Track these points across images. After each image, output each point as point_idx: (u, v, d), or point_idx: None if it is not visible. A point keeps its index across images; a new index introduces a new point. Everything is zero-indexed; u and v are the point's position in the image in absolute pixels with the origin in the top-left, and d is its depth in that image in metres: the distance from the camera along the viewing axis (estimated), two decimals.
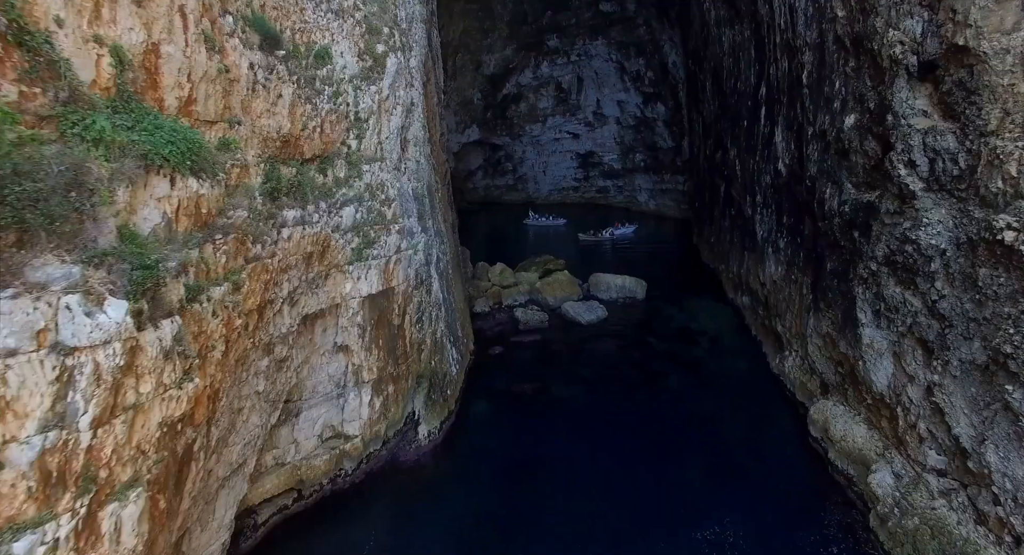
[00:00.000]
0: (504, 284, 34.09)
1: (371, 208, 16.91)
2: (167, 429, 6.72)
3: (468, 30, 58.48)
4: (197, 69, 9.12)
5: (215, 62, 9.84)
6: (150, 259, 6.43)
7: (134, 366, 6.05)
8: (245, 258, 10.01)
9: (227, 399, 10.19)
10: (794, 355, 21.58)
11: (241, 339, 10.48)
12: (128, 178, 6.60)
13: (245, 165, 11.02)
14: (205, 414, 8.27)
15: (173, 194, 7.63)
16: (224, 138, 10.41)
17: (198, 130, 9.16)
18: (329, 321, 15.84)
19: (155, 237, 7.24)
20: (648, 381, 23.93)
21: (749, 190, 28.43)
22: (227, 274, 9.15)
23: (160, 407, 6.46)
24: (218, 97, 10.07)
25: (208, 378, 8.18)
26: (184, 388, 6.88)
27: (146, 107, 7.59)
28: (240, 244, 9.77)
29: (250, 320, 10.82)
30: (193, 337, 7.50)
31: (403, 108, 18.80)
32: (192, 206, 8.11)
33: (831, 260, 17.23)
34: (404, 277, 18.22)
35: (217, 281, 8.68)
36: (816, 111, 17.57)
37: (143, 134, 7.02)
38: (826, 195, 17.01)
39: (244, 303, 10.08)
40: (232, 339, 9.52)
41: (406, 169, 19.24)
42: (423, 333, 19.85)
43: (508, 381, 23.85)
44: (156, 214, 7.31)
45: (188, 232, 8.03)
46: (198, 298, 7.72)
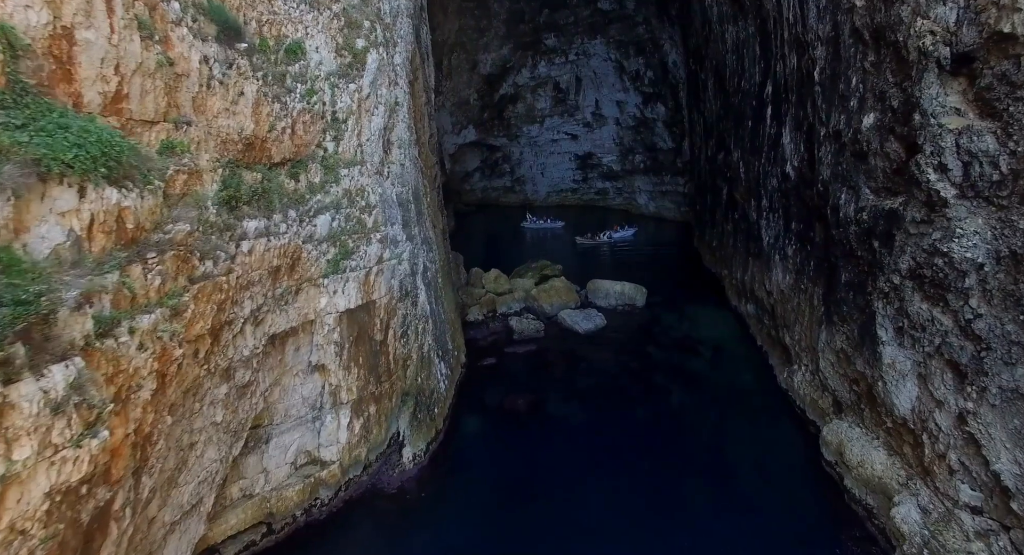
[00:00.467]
0: (499, 291, 32.83)
1: (349, 216, 15.66)
2: (62, 497, 5.48)
3: (464, 29, 57.22)
4: (128, 60, 7.86)
5: (154, 53, 8.57)
6: (28, 292, 5.17)
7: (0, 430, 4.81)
8: (190, 278, 8.74)
9: (169, 439, 8.92)
10: (804, 370, 20.33)
11: (188, 369, 9.21)
12: (11, 189, 5.34)
13: (196, 171, 9.75)
14: (128, 466, 7.01)
15: (83, 207, 6.38)
16: (168, 140, 9.15)
17: (127, 131, 7.88)
18: (302, 339, 14.57)
19: (56, 260, 5.98)
20: (649, 395, 22.66)
21: (754, 193, 27.19)
22: (163, 298, 7.88)
23: (48, 473, 5.22)
24: (159, 93, 8.81)
25: (132, 424, 6.92)
26: (86, 445, 5.63)
27: (49, 103, 6.33)
28: (182, 262, 8.50)
29: (200, 346, 9.56)
30: (106, 380, 6.25)
31: (386, 108, 17.55)
32: (112, 221, 6.85)
33: (846, 271, 15.99)
34: (387, 289, 16.97)
35: (147, 308, 7.41)
36: (830, 110, 16.33)
37: (38, 135, 5.76)
38: (841, 201, 15.77)
39: (189, 329, 8.82)
40: (172, 372, 8.24)
41: (389, 173, 17.98)
42: (408, 348, 18.59)
43: (501, 396, 22.58)
44: (58, 232, 6.07)
45: (106, 252, 6.77)
46: (114, 331, 6.46)
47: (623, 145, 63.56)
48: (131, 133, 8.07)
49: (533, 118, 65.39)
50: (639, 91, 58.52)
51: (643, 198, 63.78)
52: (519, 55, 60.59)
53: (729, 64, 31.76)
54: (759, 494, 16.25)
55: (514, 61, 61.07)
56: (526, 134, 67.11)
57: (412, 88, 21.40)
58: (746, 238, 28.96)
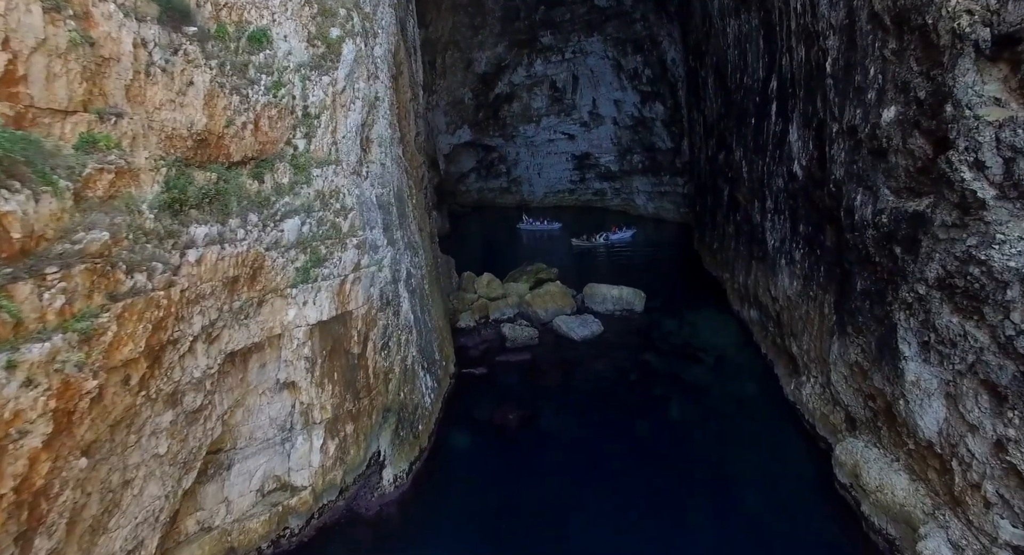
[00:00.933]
0: (491, 296, 31.55)
1: (322, 219, 14.38)
2: None
3: (457, 26, 55.96)
4: (24, 36, 6.58)
5: (65, 30, 7.29)
6: None
7: None
8: (111, 295, 7.46)
9: (89, 483, 7.63)
10: (813, 382, 19.07)
11: (115, 399, 7.93)
12: None
13: (128, 170, 8.47)
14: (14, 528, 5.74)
15: None
16: (89, 134, 7.86)
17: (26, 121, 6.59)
18: (268, 355, 13.28)
19: None
20: (648, 408, 21.39)
21: (757, 194, 25.95)
22: (67, 321, 6.60)
23: None
24: (74, 78, 7.52)
25: (14, 481, 5.65)
26: None
27: None
28: (100, 277, 7.22)
29: (132, 372, 8.27)
30: None
31: (364, 103, 16.27)
32: None
33: (862, 278, 14.74)
34: (364, 298, 15.68)
35: (41, 335, 6.14)
36: (843, 104, 15.09)
37: None
38: (856, 202, 14.52)
39: (112, 354, 7.53)
40: (82, 408, 6.96)
41: (368, 173, 16.71)
42: (390, 361, 17.31)
43: (491, 409, 21.29)
44: None
45: None
46: None
47: (621, 145, 62.33)
48: (32, 124, 6.80)
49: (529, 118, 64.13)
50: (637, 90, 57.31)
51: (641, 199, 62.56)
52: (514, 53, 59.34)
53: (731, 60, 30.54)
54: (767, 517, 15.01)
55: (509, 59, 59.83)
56: (522, 134, 65.84)
57: (396, 83, 20.14)
58: (749, 241, 27.72)
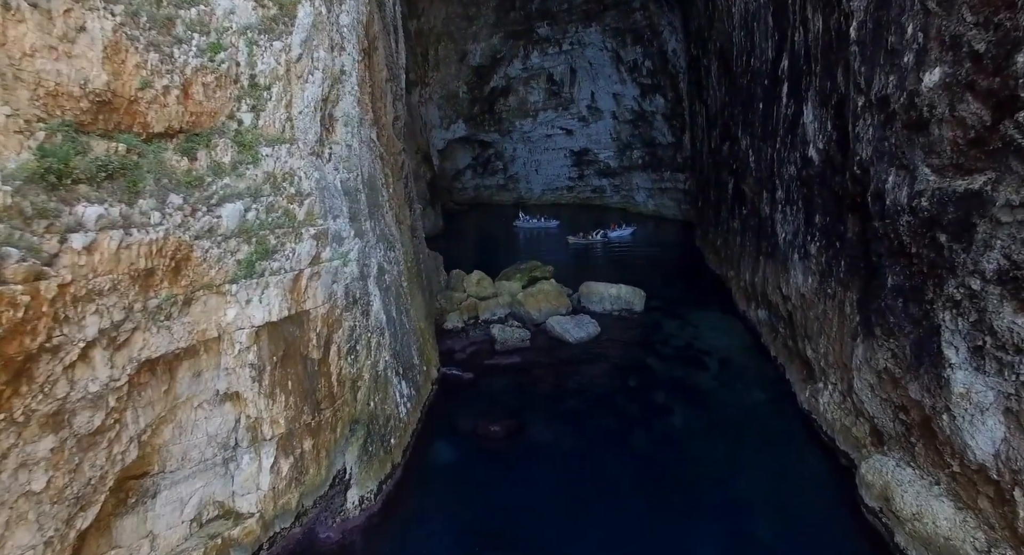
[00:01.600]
0: (481, 295, 29.63)
1: (272, 205, 12.48)
2: None
3: (451, 16, 54.04)
4: None
5: None
6: None
7: None
8: None
9: None
10: (832, 389, 17.15)
11: None
12: None
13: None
14: None
15: None
16: None
17: None
18: (204, 362, 11.36)
19: None
20: (648, 418, 19.47)
21: (766, 185, 24.04)
22: None
23: None
24: None
25: None
26: None
27: None
28: None
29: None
30: None
31: (326, 76, 14.36)
32: None
33: (894, 272, 12.81)
34: (325, 296, 13.77)
35: None
36: (872, 73, 13.17)
37: None
38: (887, 185, 12.60)
39: None
40: None
41: (331, 155, 14.80)
42: (358, 367, 15.39)
43: (476, 419, 19.36)
44: None
45: None
46: None
47: (620, 140, 60.44)
48: None
49: (526, 112, 62.22)
50: (637, 82, 55.39)
51: (641, 196, 60.67)
52: (510, 45, 57.43)
53: (736, 42, 28.63)
54: (783, 546, 13.12)
55: (505, 51, 57.91)
56: (519, 129, 63.93)
57: (369, 60, 18.23)
58: (756, 235, 25.81)
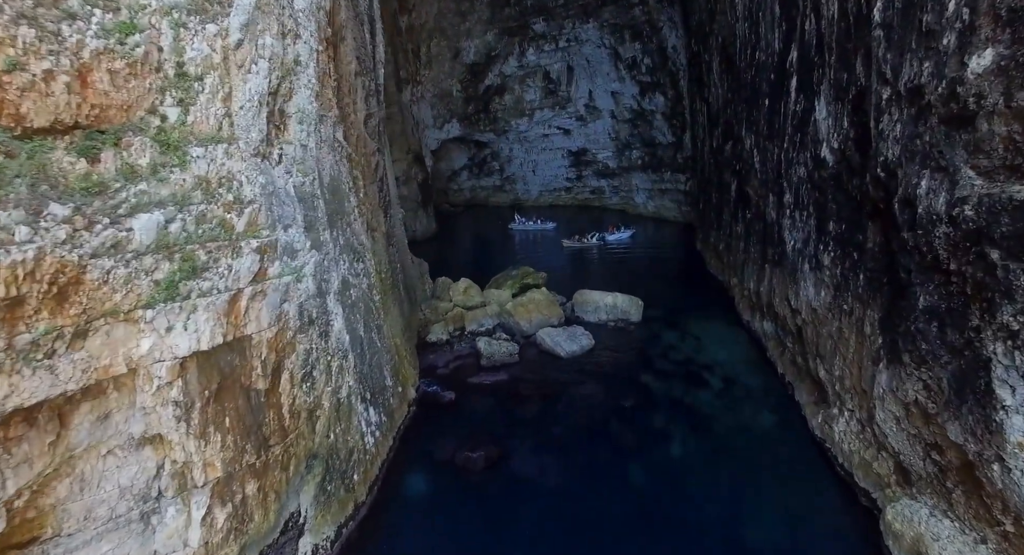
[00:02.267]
0: (468, 305, 27.88)
1: (204, 215, 10.73)
2: None
3: (443, 12, 52.30)
4: None
5: None
6: None
7: None
8: None
9: None
10: (848, 417, 15.38)
11: None
12: None
13: None
14: None
15: None
16: None
17: None
18: (113, 402, 9.61)
19: None
20: (643, 445, 17.71)
21: (772, 187, 22.27)
22: None
23: None
24: None
25: None
26: None
27: None
28: None
29: None
30: None
31: (274, 66, 12.62)
32: None
33: (926, 292, 11.04)
34: (272, 318, 12.03)
35: None
36: (900, 61, 11.41)
37: None
38: (920, 190, 10.83)
39: None
40: None
41: (282, 157, 13.05)
42: (315, 395, 13.66)
43: (455, 446, 17.61)
44: None
45: None
46: None
47: (619, 140, 58.66)
48: None
49: (522, 111, 60.46)
50: (636, 80, 53.61)
51: (641, 197, 58.88)
52: (505, 42, 55.67)
53: (740, 35, 26.85)
54: None
55: (500, 49, 56.15)
56: (515, 128, 62.15)
57: (334, 50, 16.48)
58: (762, 241, 24.03)
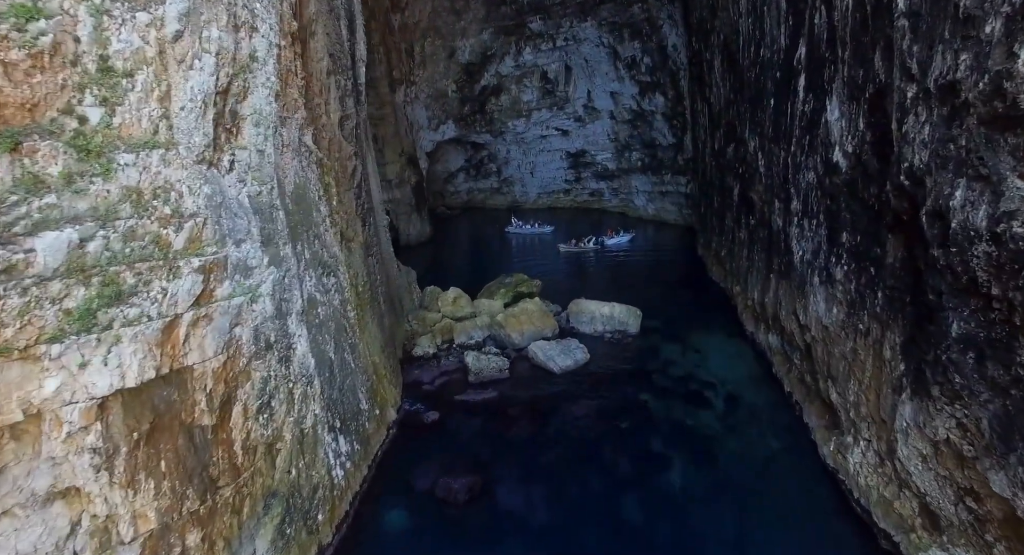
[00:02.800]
0: (458, 316, 26.48)
1: (133, 231, 9.36)
2: None
3: (437, 11, 50.93)
4: None
5: None
6: None
7: None
8: None
9: None
10: (865, 447, 13.97)
11: None
12: None
13: None
14: None
15: None
16: None
17: None
18: (10, 454, 8.20)
19: None
20: (641, 474, 16.31)
21: (778, 193, 20.86)
22: None
23: None
24: None
25: None
26: None
27: None
28: None
29: None
30: None
31: (223, 62, 11.25)
32: None
33: (961, 318, 9.64)
34: (219, 345, 10.66)
35: None
36: (929, 53, 10.01)
37: None
38: (954, 201, 9.42)
39: None
40: None
41: (234, 164, 11.67)
42: (275, 427, 12.28)
43: (436, 474, 16.24)
44: None
45: None
46: None
47: (619, 141, 57.22)
48: None
49: (519, 112, 59.00)
50: (635, 80, 52.18)
51: (641, 199, 57.45)
52: (501, 41, 54.26)
53: (743, 31, 25.45)
54: None
55: (496, 48, 54.76)
56: (512, 130, 60.70)
57: (302, 47, 15.11)
58: (767, 250, 22.62)
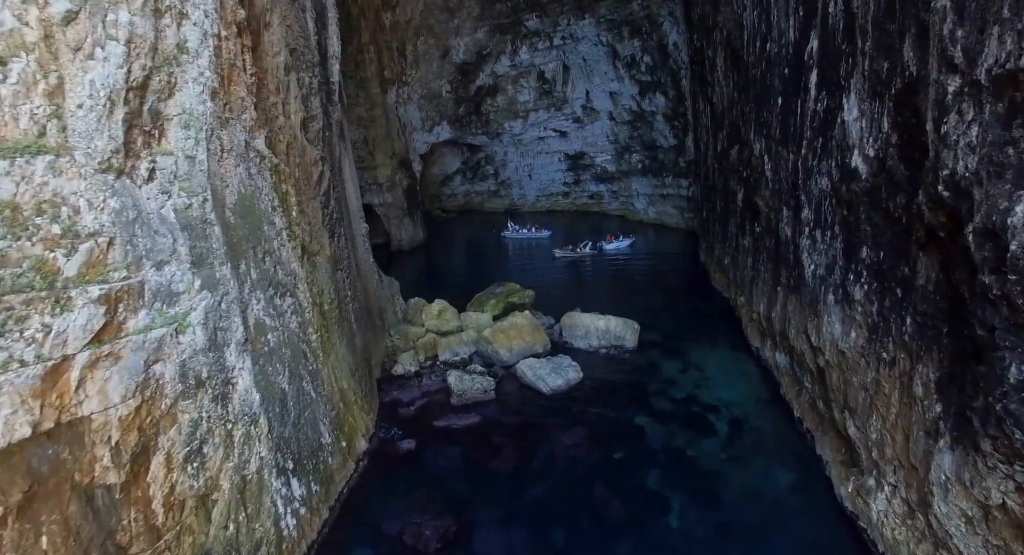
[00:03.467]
0: (443, 330, 24.78)
1: (5, 256, 7.70)
2: None
3: (430, 9, 49.28)
4: None
5: None
6: None
7: None
8: None
9: None
10: (890, 493, 12.20)
11: None
12: None
13: None
14: None
15: None
16: None
17: None
18: None
19: None
20: (636, 515, 14.57)
21: (786, 200, 19.11)
22: None
23: None
24: None
25: None
26: None
27: None
28: None
29: None
30: None
31: (136, 52, 9.58)
32: None
33: (1021, 360, 7.88)
34: (128, 388, 8.98)
35: None
36: (978, 38, 8.27)
37: None
38: (1013, 218, 7.68)
39: None
40: None
41: (154, 172, 9.99)
42: (207, 476, 10.59)
43: (407, 514, 14.54)
44: None
45: None
46: None
47: (618, 143, 55.52)
48: None
49: (515, 113, 57.35)
50: (635, 80, 50.46)
51: (641, 202, 55.71)
52: (496, 40, 52.59)
53: (747, 25, 23.71)
54: None
55: (491, 47, 53.09)
56: (508, 131, 59.07)
57: (254, 39, 13.42)
58: (774, 261, 20.85)
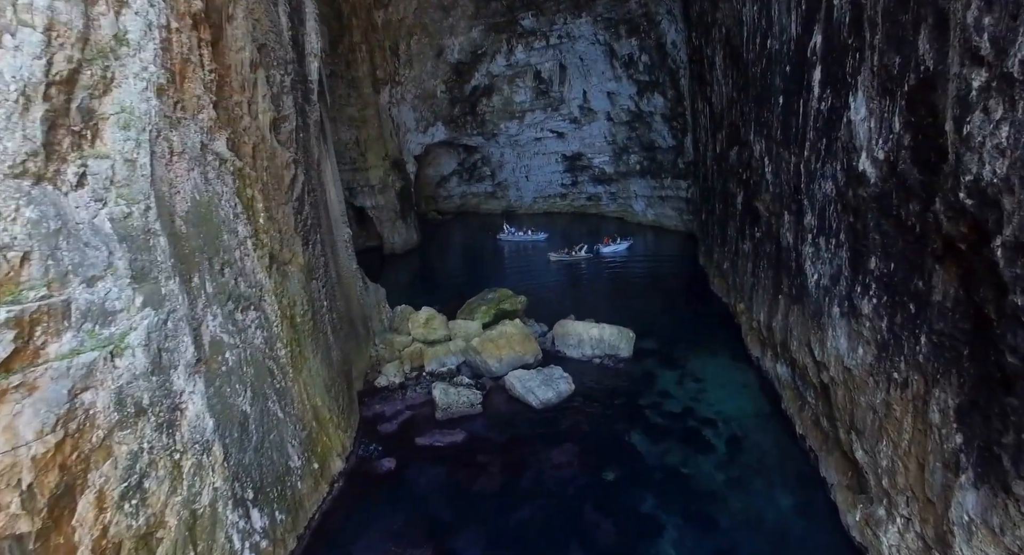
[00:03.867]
0: (430, 339, 23.78)
1: None
2: None
3: (424, 7, 48.31)
4: None
5: None
6: None
7: None
8: None
9: None
10: (903, 526, 11.18)
11: None
12: None
13: None
14: None
15: None
16: None
17: None
18: None
19: None
20: (629, 542, 13.57)
21: (788, 204, 18.10)
22: None
23: None
24: None
25: None
26: None
27: None
28: None
29: None
30: None
31: (62, 43, 8.59)
32: None
33: None
34: (45, 422, 8.01)
35: None
36: (1014, 24, 7.23)
37: None
38: None
39: None
40: None
41: (84, 177, 9.00)
42: (149, 513, 9.59)
43: (384, 542, 13.55)
44: None
45: None
46: None
47: (616, 143, 54.54)
48: None
49: (512, 113, 56.35)
50: (633, 79, 49.48)
51: (640, 204, 54.70)
52: (492, 39, 51.60)
53: (747, 22, 22.72)
54: None
55: (486, 46, 52.10)
56: (504, 132, 58.07)
57: (213, 32, 12.43)
58: (775, 267, 19.84)
